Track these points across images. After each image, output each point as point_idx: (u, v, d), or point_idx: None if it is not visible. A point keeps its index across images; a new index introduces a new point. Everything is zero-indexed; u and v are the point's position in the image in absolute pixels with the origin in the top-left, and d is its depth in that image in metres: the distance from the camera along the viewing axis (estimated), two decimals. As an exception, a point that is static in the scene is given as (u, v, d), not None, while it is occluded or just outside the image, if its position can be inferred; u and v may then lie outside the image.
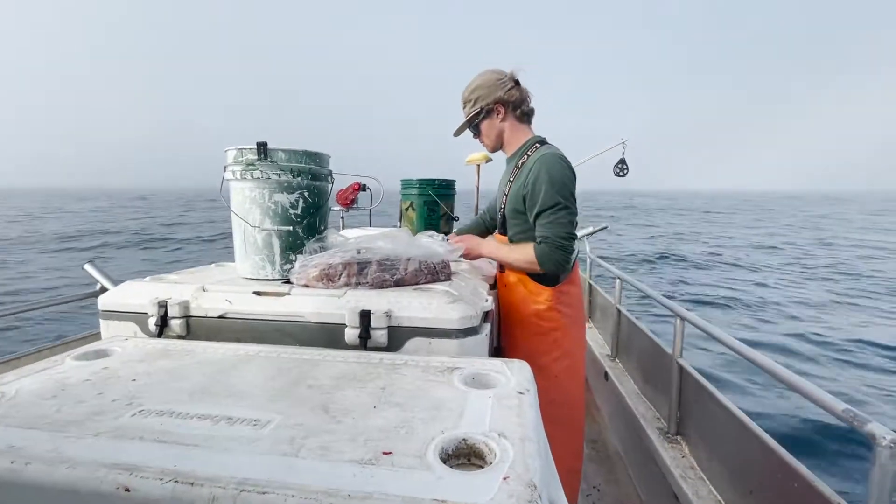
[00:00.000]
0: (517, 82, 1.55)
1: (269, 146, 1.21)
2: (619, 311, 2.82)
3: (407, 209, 2.27)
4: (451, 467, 0.53)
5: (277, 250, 1.26)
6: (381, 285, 1.15)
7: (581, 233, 4.05)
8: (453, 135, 1.71)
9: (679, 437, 1.90)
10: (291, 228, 1.27)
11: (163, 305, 1.12)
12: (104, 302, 1.20)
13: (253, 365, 0.86)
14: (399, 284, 1.17)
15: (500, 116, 1.56)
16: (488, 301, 1.18)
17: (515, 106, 1.55)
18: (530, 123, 1.62)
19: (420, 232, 1.40)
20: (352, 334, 1.02)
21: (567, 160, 1.46)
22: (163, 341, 1.01)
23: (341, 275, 1.14)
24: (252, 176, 1.22)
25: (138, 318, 1.16)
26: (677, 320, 1.87)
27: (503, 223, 1.63)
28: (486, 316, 1.15)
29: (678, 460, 1.76)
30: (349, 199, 2.88)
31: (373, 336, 1.02)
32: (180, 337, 1.12)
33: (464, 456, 0.57)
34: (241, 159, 1.23)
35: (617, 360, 2.85)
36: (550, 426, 0.73)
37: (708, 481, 1.63)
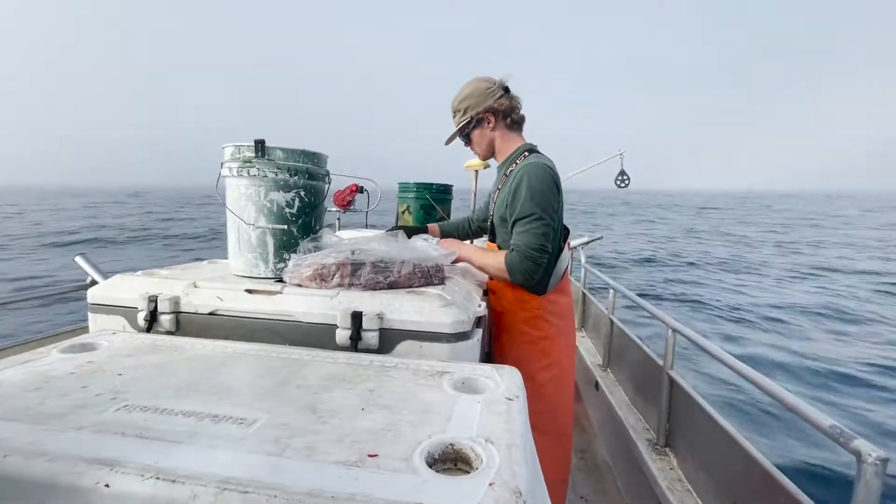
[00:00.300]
0: (507, 90, 1.53)
1: (267, 144, 1.21)
2: (612, 322, 2.83)
3: (403, 212, 2.27)
4: (438, 472, 0.53)
5: (271, 249, 1.26)
6: (375, 287, 1.14)
7: (575, 242, 4.06)
8: (444, 143, 1.69)
9: (668, 449, 1.90)
10: (286, 227, 1.26)
11: (153, 300, 1.11)
12: (93, 295, 1.18)
13: (242, 363, 0.85)
14: (392, 287, 1.16)
15: (491, 125, 1.54)
16: (481, 306, 1.18)
17: (505, 114, 1.53)
18: (521, 131, 1.60)
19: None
20: (343, 335, 1.02)
21: (552, 170, 1.43)
22: (151, 336, 1.00)
23: (334, 275, 1.14)
24: (248, 173, 1.21)
25: (127, 313, 1.15)
26: (669, 332, 1.88)
27: (492, 231, 1.62)
28: (479, 321, 1.15)
29: (666, 472, 1.76)
30: (346, 201, 2.87)
31: (364, 338, 1.01)
32: (169, 333, 1.11)
33: (450, 461, 0.57)
34: (239, 156, 1.22)
35: (608, 371, 2.85)
36: (536, 435, 0.73)
37: (695, 493, 1.63)
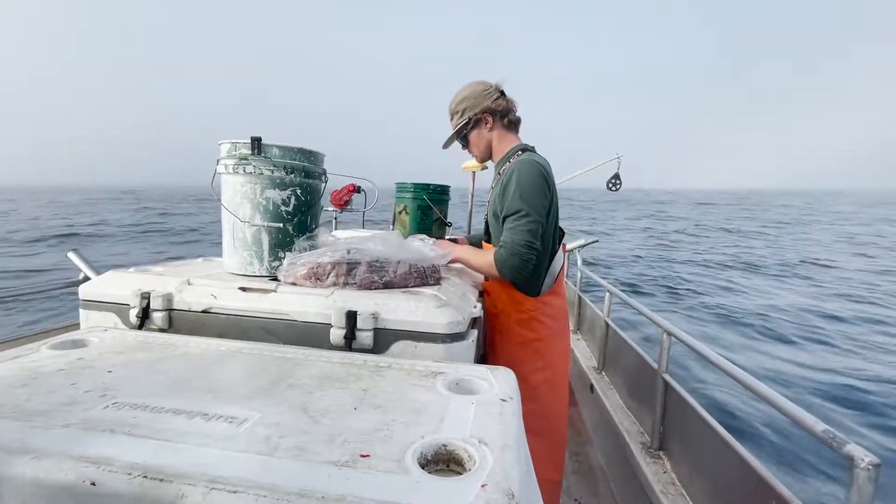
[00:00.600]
0: (503, 93, 1.56)
1: (264, 141, 1.20)
2: (608, 325, 2.83)
3: (400, 212, 2.26)
4: (430, 472, 0.52)
5: (266, 247, 1.25)
6: (370, 287, 1.13)
7: (572, 245, 4.06)
8: (442, 147, 1.69)
9: (661, 453, 1.90)
10: (282, 225, 1.25)
11: (145, 297, 1.10)
12: (85, 291, 1.17)
13: (234, 361, 0.85)
14: (388, 287, 1.16)
15: (489, 126, 1.56)
16: (477, 307, 1.17)
17: (503, 115, 1.55)
18: (517, 132, 1.62)
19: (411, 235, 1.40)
20: (337, 335, 1.01)
21: (544, 167, 1.43)
22: (143, 333, 0.99)
23: (329, 274, 1.13)
24: (244, 170, 1.20)
25: (119, 309, 1.14)
26: (664, 335, 1.88)
27: (487, 229, 1.63)
28: (474, 322, 1.14)
29: (659, 475, 1.75)
30: (343, 200, 2.87)
31: (358, 337, 1.01)
32: (162, 330, 1.10)
33: (443, 461, 0.56)
34: (235, 153, 1.21)
35: (603, 373, 2.85)
36: (530, 437, 0.72)
37: (688, 497, 1.63)
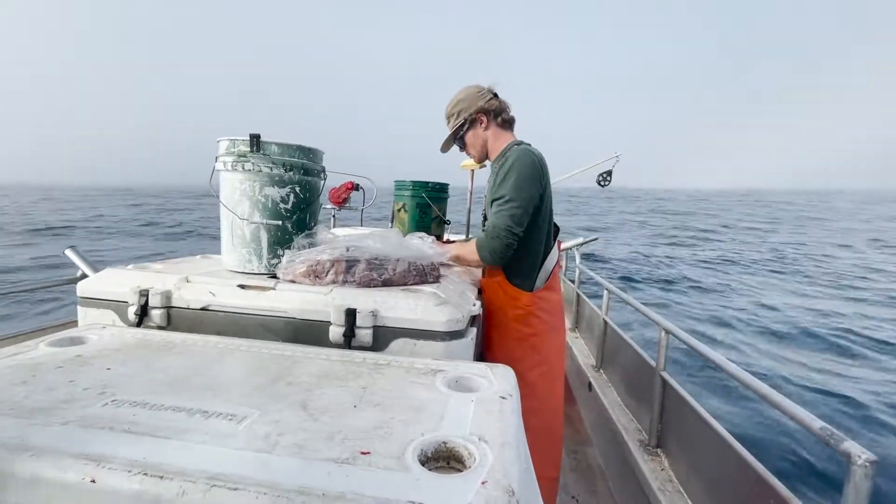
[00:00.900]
0: (496, 94, 1.59)
1: (263, 139, 1.20)
2: (606, 322, 2.83)
3: (399, 210, 2.26)
4: (430, 470, 0.52)
5: (265, 244, 1.25)
6: (369, 284, 1.13)
7: (570, 243, 4.06)
8: (440, 150, 1.72)
9: (659, 450, 1.90)
10: (280, 223, 1.25)
11: (144, 294, 1.10)
12: (83, 289, 1.17)
13: (233, 359, 0.84)
14: (387, 284, 1.16)
15: (484, 125, 1.59)
16: (476, 305, 1.17)
17: (497, 114, 1.58)
18: (512, 130, 1.64)
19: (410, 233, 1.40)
20: (336, 332, 1.01)
21: (536, 157, 1.46)
22: (141, 331, 0.99)
23: (329, 272, 1.13)
24: (243, 168, 1.20)
25: (118, 307, 1.14)
26: (662, 333, 1.88)
27: (484, 223, 1.64)
28: (473, 320, 1.14)
29: (657, 473, 1.76)
30: (342, 198, 2.86)
31: (357, 335, 1.01)
32: (160, 328, 1.10)
33: (443, 459, 0.56)
34: (234, 150, 1.21)
35: (601, 371, 2.86)
36: (527, 433, 0.72)
37: (685, 494, 1.64)
